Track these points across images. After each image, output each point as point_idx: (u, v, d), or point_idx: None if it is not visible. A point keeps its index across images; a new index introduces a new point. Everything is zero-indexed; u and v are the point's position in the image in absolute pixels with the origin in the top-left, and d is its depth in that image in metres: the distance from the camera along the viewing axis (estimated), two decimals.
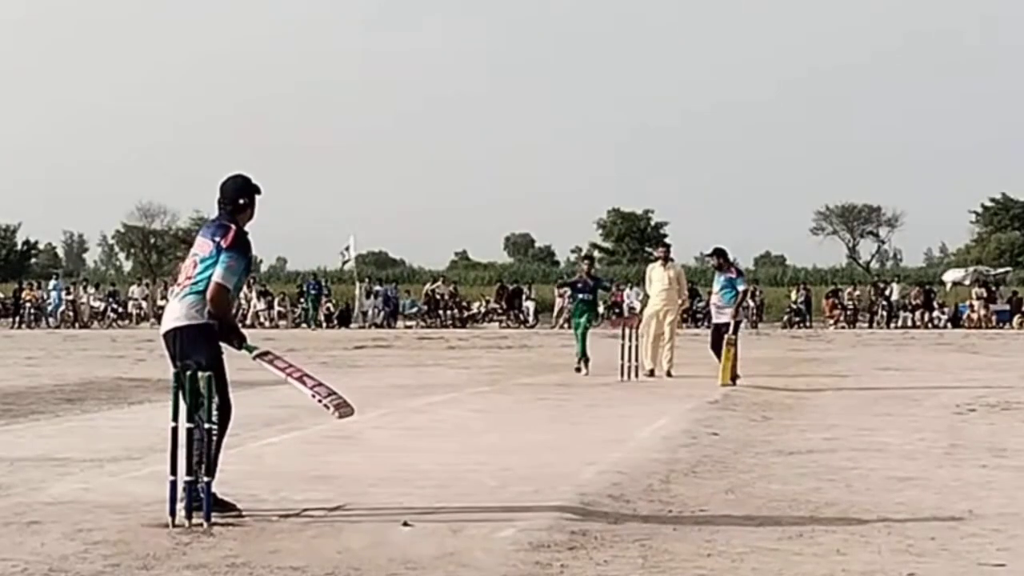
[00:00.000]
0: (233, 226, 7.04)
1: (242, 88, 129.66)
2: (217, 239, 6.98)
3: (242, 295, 43.50)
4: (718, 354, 16.42)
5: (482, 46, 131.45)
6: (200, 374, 6.68)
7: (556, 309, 41.25)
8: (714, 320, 17.24)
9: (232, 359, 7.05)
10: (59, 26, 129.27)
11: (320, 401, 6.88)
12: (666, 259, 18.38)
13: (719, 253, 17.35)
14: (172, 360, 6.95)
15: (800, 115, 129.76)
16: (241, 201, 7.11)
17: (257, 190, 7.19)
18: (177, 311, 6.99)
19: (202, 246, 7.05)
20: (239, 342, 7.00)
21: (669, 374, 17.55)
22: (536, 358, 23.36)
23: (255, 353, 6.99)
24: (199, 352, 6.85)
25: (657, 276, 18.15)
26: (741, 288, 16.92)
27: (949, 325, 41.31)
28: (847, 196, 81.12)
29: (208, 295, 6.90)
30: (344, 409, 6.89)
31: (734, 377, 16.10)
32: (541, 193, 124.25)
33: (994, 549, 6.32)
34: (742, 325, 18.03)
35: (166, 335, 7.05)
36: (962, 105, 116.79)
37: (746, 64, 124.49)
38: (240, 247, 7.01)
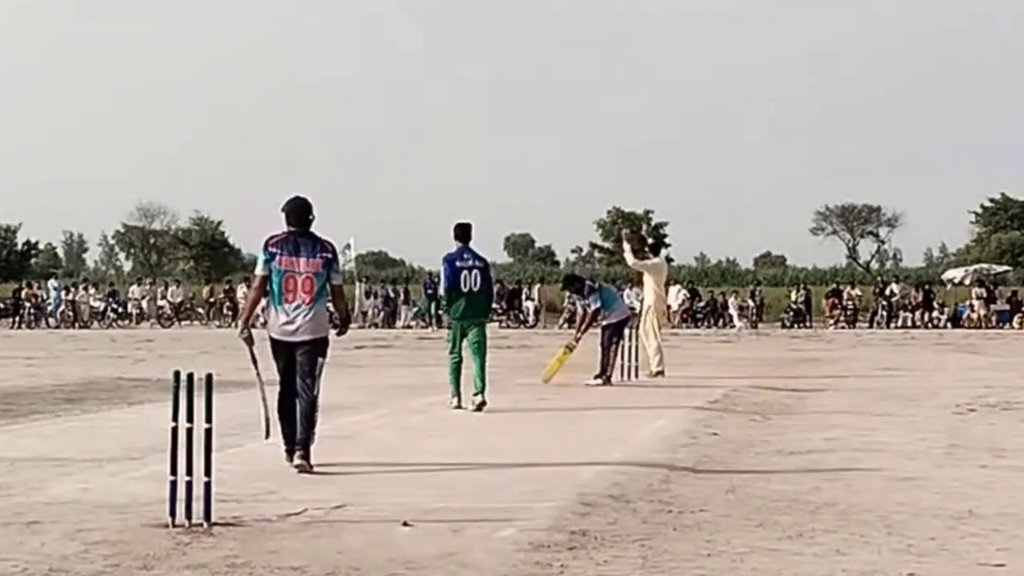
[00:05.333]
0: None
1: (242, 89, 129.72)
2: (333, 255, 8.81)
3: (241, 294, 43.51)
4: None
5: (483, 46, 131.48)
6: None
7: (564, 315, 40.98)
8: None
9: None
10: (60, 26, 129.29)
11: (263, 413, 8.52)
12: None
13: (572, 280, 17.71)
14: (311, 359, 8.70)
15: (800, 115, 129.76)
16: (310, 217, 8.76)
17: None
18: (323, 321, 8.83)
19: (315, 264, 8.63)
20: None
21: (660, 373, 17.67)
22: (536, 358, 23.34)
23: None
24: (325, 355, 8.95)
25: (646, 277, 18.51)
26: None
27: (949, 325, 41.31)
28: (847, 196, 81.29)
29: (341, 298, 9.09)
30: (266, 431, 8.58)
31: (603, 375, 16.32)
32: (541, 193, 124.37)
33: (994, 549, 6.33)
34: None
35: (318, 341, 8.79)
36: (962, 105, 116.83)
37: (746, 63, 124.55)
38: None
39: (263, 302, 9.05)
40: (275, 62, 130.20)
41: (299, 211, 8.69)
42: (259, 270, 8.67)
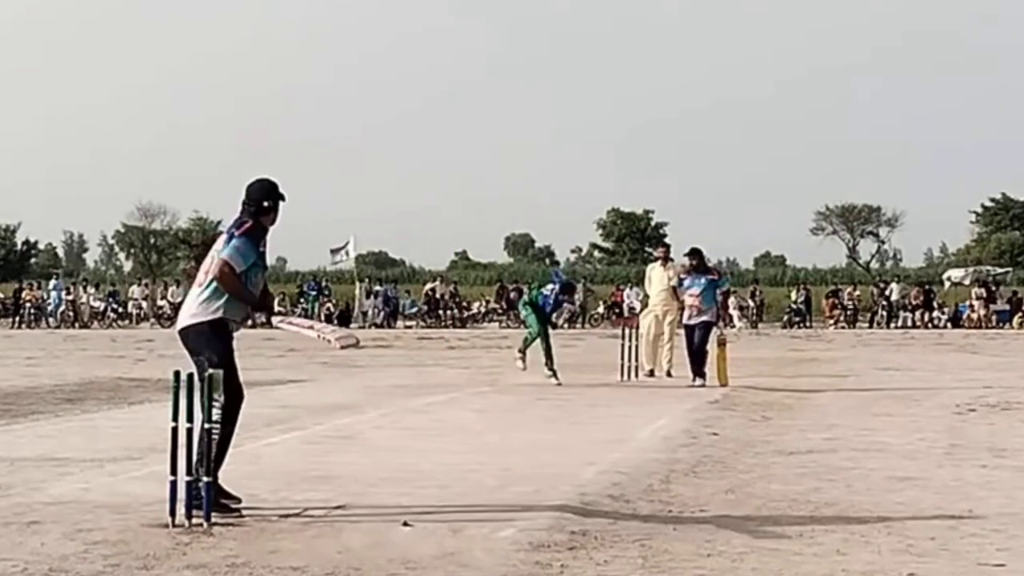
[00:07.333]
0: (250, 220, 7.19)
1: (242, 88, 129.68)
2: (232, 231, 7.20)
3: None
4: (694, 355, 16.37)
5: (482, 45, 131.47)
6: (210, 371, 6.77)
7: (565, 314, 40.85)
8: (692, 321, 16.66)
9: (243, 357, 7.10)
10: (60, 26, 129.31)
11: (326, 338, 7.64)
12: (666, 259, 18.36)
13: (696, 253, 17.20)
14: (190, 355, 7.19)
15: (800, 115, 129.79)
16: (265, 204, 7.25)
17: (282, 196, 7.32)
18: (192, 308, 7.17)
19: (219, 243, 7.26)
20: (267, 315, 7.71)
21: (669, 374, 17.54)
22: (537, 358, 23.32)
23: (276, 321, 8.07)
24: (207, 348, 7.00)
25: (657, 276, 18.17)
26: (726, 288, 16.90)
27: (949, 325, 41.31)
28: (847, 196, 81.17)
29: (214, 272, 7.05)
30: (347, 340, 7.77)
31: (701, 375, 16.20)
32: (541, 193, 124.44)
33: (994, 549, 6.32)
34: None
35: (180, 332, 7.23)
36: (962, 105, 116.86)
37: (746, 63, 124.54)
38: (251, 235, 7.14)
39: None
40: (275, 62, 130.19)
41: (248, 192, 7.72)
42: None
